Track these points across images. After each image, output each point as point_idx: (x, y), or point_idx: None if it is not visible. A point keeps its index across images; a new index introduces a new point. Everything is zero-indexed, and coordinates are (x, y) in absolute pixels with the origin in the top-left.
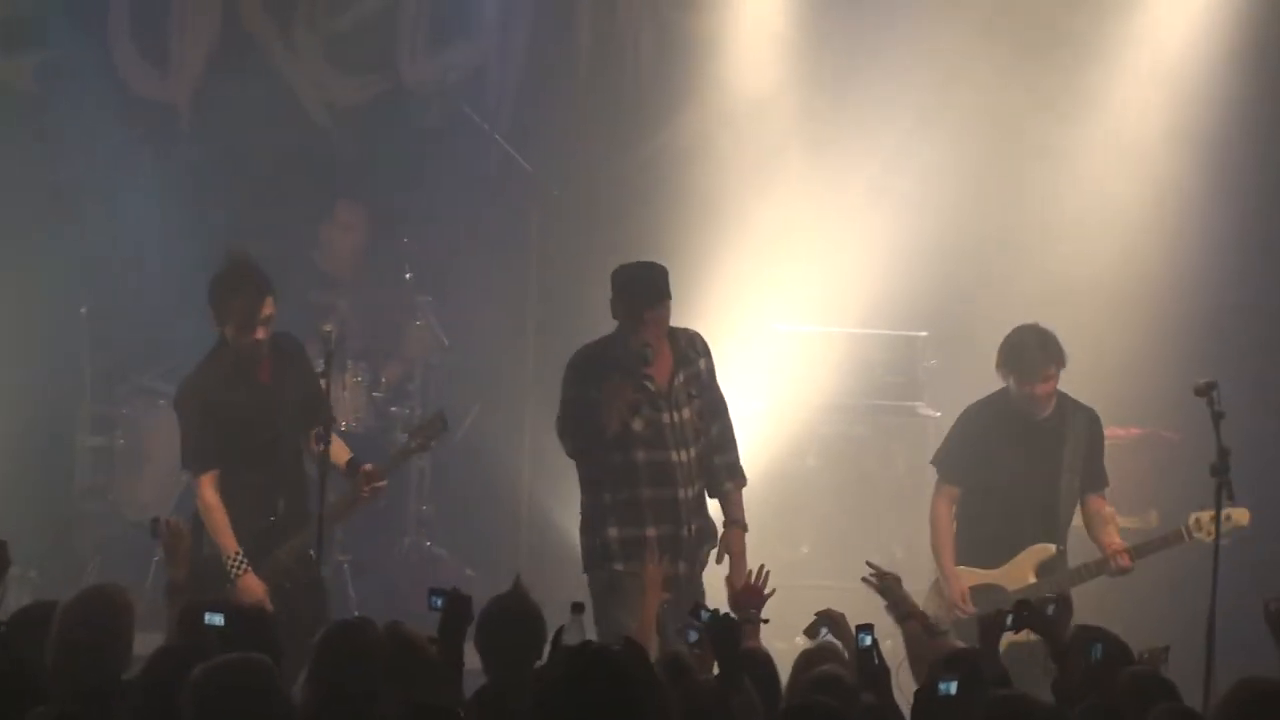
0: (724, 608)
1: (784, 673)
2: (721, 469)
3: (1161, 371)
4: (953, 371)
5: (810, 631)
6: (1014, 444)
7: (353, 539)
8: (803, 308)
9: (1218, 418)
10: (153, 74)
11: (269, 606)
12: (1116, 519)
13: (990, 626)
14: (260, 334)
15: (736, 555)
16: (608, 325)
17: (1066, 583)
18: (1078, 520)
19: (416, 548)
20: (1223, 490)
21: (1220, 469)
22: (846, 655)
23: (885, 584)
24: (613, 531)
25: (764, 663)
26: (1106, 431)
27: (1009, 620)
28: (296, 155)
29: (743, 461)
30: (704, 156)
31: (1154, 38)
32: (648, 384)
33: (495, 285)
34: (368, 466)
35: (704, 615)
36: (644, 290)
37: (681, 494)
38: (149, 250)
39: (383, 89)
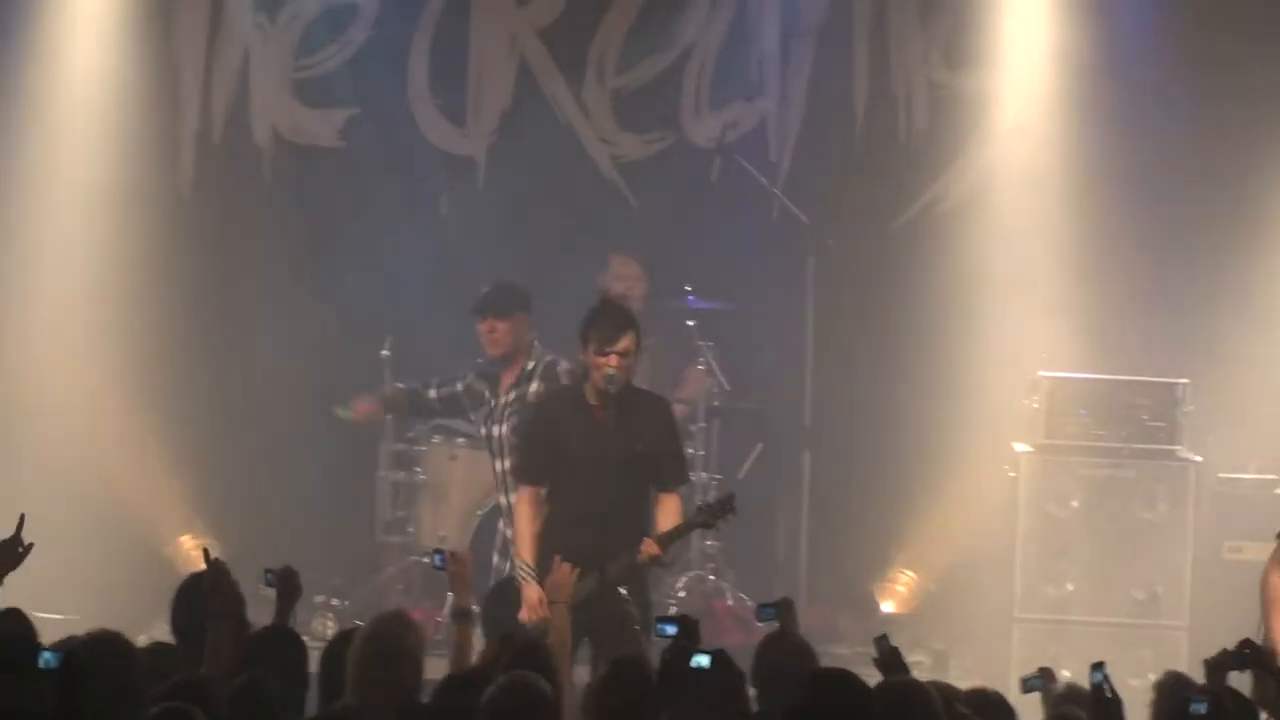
0: None
1: None
2: None
3: None
4: (1207, 419)
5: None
6: None
7: None
8: (1068, 355)
9: None
10: (452, 129)
11: (545, 615)
12: None
13: (1216, 666)
14: (613, 364)
15: None
16: (882, 370)
17: None
18: None
19: (702, 580)
20: None
21: None
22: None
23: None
24: None
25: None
26: None
27: (1233, 660)
28: (585, 207)
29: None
30: (973, 212)
31: None
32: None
33: (772, 333)
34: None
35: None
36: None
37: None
38: (442, 296)
39: (667, 144)
